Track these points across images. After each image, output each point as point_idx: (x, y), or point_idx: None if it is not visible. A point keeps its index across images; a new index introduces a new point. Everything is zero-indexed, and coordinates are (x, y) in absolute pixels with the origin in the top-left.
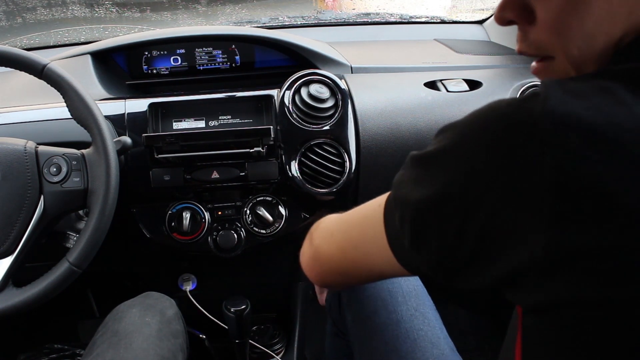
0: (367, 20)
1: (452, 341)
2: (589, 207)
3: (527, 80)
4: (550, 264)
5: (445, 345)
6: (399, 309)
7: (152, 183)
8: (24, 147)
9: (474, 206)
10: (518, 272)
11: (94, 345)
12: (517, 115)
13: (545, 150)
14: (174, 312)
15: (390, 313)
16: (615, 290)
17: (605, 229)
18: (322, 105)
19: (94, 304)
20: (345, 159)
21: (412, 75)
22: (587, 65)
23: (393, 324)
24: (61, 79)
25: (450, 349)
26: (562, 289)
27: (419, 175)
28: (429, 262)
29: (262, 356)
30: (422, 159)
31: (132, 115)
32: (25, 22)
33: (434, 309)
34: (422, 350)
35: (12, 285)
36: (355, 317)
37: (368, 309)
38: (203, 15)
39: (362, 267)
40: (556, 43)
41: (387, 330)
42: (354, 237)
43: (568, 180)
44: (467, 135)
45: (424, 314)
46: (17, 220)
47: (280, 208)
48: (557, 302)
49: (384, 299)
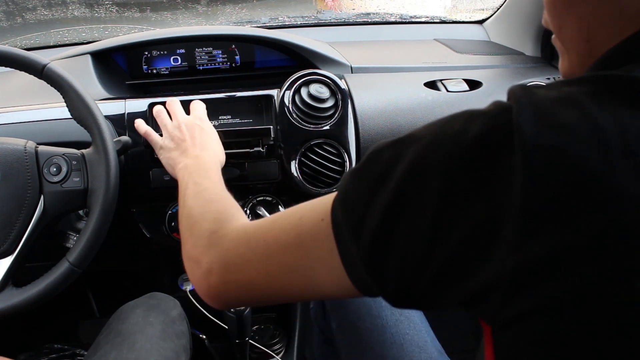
0: (367, 20)
1: (439, 344)
2: (553, 227)
3: (527, 81)
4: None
5: (433, 348)
6: (384, 313)
7: (152, 183)
8: (24, 147)
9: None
10: (488, 287)
11: (97, 345)
12: (489, 137)
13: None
14: (178, 313)
15: (375, 318)
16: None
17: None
18: (322, 105)
19: (94, 304)
20: (345, 159)
21: (412, 75)
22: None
23: (378, 329)
24: (61, 79)
25: (438, 351)
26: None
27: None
28: (393, 281)
29: (262, 356)
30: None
31: (132, 115)
32: (25, 22)
33: (420, 312)
34: (409, 355)
35: (12, 285)
36: (340, 324)
37: (353, 315)
38: (203, 15)
39: (296, 291)
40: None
41: (372, 336)
42: (288, 261)
43: (536, 201)
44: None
45: (409, 318)
46: (17, 220)
47: (280, 208)
48: (527, 315)
49: (368, 304)
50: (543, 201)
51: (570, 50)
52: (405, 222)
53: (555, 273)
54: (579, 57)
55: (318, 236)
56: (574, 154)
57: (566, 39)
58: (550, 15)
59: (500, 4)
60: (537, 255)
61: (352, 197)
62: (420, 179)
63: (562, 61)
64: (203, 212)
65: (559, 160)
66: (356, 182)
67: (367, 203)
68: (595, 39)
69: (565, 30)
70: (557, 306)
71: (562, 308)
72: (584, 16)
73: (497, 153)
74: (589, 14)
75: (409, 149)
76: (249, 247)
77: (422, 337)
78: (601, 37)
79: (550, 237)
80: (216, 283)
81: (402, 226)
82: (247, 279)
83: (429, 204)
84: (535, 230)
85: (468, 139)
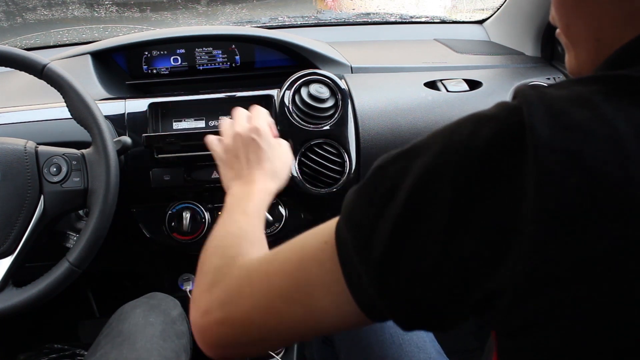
0: (367, 20)
1: (438, 344)
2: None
3: (527, 81)
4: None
5: (432, 348)
6: None
7: (152, 183)
8: (24, 147)
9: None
10: (496, 295)
11: (97, 345)
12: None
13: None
14: (178, 313)
15: None
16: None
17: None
18: (322, 105)
19: (94, 304)
20: (345, 159)
21: (412, 75)
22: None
23: (377, 329)
24: (61, 79)
25: (437, 352)
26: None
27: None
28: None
29: (262, 356)
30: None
31: (132, 115)
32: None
33: None
34: (408, 355)
35: (12, 285)
36: None
37: None
38: (203, 15)
39: (296, 327)
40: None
41: (372, 337)
42: (288, 291)
43: (549, 207)
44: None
45: None
46: (17, 220)
47: (280, 208)
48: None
49: None
50: (557, 208)
51: (577, 47)
52: (416, 236)
53: (566, 282)
54: (588, 54)
55: (321, 260)
56: (590, 157)
57: (574, 36)
58: (559, 14)
59: (500, 4)
60: (549, 264)
61: (358, 214)
62: (431, 191)
63: (569, 57)
64: (217, 246)
65: (575, 164)
66: (362, 199)
67: (374, 219)
68: (606, 38)
69: (574, 28)
70: (566, 315)
71: (571, 317)
72: (595, 15)
73: (509, 158)
74: (600, 13)
75: (417, 161)
76: (249, 281)
77: (421, 337)
78: (611, 36)
79: (564, 246)
80: (211, 324)
81: (413, 240)
82: (244, 315)
83: (440, 216)
84: (548, 239)
85: (479, 146)
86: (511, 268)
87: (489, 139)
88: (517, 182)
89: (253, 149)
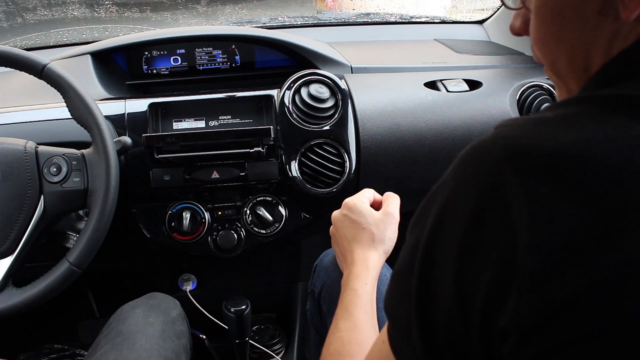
0: (367, 20)
1: None
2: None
3: (527, 81)
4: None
5: None
6: (381, 314)
7: (152, 183)
8: (24, 147)
9: (466, 282)
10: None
11: (97, 345)
12: (488, 184)
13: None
14: (178, 313)
15: None
16: None
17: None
18: (322, 105)
19: (94, 304)
20: (345, 159)
21: (412, 75)
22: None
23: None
24: (61, 79)
25: None
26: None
27: None
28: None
29: (262, 356)
30: None
31: (132, 115)
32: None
33: None
34: None
35: (12, 285)
36: None
37: None
38: (203, 15)
39: None
40: (554, 78)
41: None
42: None
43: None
44: (445, 229)
45: None
46: (17, 220)
47: (280, 208)
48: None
49: None
50: (549, 240)
51: (568, 81)
52: (435, 296)
53: (569, 316)
54: (578, 86)
55: (380, 356)
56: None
57: (562, 71)
58: (542, 52)
59: (500, 4)
60: (549, 298)
61: (394, 300)
62: (437, 262)
63: (560, 93)
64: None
65: (567, 193)
66: (392, 284)
67: (404, 299)
68: (593, 65)
69: (561, 62)
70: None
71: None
72: (580, 46)
73: (500, 200)
74: (584, 41)
75: (424, 230)
76: None
77: None
78: (599, 62)
79: (562, 277)
80: None
81: (433, 301)
82: None
83: (449, 272)
84: (544, 273)
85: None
86: (515, 304)
87: (478, 190)
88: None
89: (347, 224)
